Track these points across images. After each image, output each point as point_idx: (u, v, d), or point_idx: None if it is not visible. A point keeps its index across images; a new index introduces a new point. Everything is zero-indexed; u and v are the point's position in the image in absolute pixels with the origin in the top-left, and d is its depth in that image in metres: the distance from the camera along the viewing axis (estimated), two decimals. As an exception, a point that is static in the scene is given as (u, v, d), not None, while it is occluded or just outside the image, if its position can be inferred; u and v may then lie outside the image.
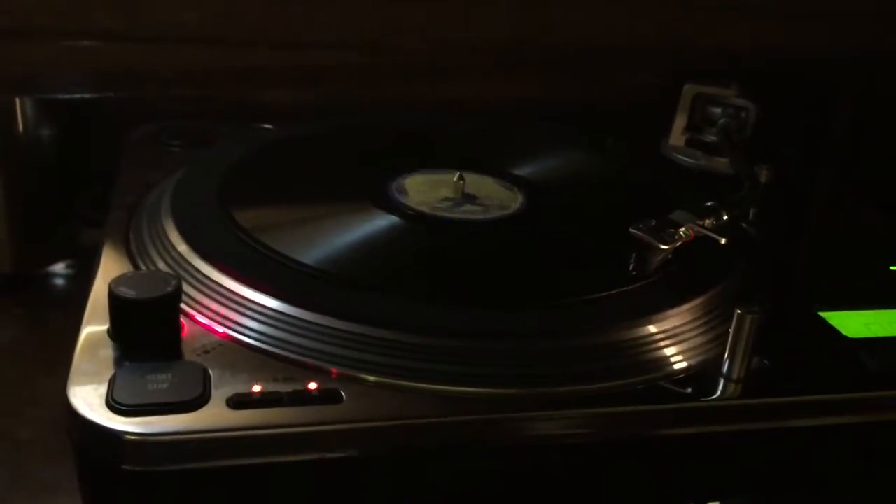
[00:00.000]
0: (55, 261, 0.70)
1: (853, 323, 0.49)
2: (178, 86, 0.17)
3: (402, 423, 0.38)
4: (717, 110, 0.65)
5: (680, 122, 0.67)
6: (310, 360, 0.41)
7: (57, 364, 0.45)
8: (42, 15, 0.16)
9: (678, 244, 0.48)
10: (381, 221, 0.52)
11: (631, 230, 0.48)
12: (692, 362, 0.44)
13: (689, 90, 0.66)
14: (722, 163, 0.64)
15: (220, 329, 0.43)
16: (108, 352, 0.40)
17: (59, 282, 0.69)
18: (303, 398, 0.38)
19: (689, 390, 0.42)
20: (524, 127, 0.71)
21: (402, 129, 0.68)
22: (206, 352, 0.41)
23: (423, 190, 0.56)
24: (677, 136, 0.68)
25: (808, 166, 0.62)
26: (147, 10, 0.16)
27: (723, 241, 0.49)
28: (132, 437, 0.36)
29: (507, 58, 0.18)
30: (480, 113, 0.71)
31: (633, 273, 0.48)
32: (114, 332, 0.41)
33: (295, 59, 0.17)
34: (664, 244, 0.47)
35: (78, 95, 0.19)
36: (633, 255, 0.48)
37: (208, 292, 0.45)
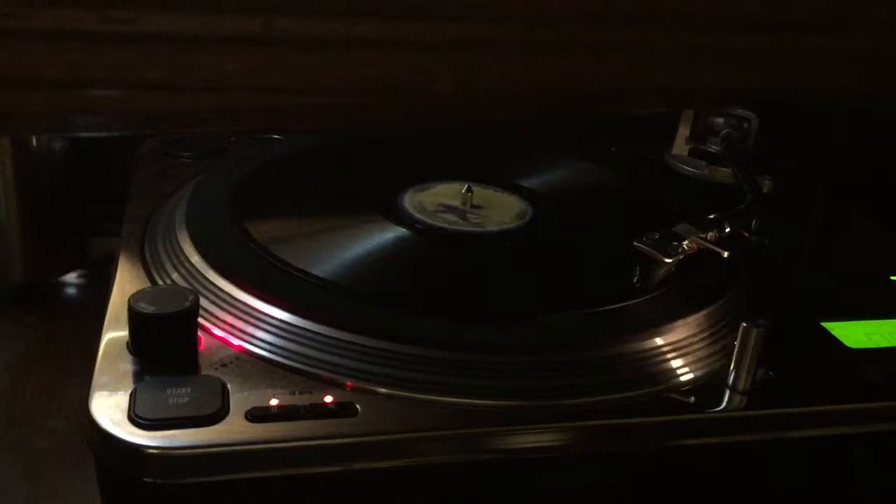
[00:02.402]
0: (67, 271, 0.71)
1: (854, 333, 0.49)
2: (212, 124, 0.18)
3: (416, 436, 0.39)
4: (720, 121, 0.66)
5: (683, 132, 0.68)
6: (324, 373, 0.42)
7: (72, 374, 0.45)
8: (91, 70, 0.17)
9: (681, 257, 0.49)
10: (392, 234, 0.53)
11: (635, 244, 0.49)
12: (698, 374, 0.45)
13: (691, 101, 0.67)
14: (725, 173, 0.65)
15: (236, 342, 0.43)
16: (127, 365, 0.41)
17: (72, 291, 0.70)
18: (320, 411, 0.39)
19: (696, 402, 0.43)
20: (531, 139, 0.72)
21: (413, 141, 0.69)
22: (224, 365, 0.42)
23: (433, 202, 0.57)
24: (680, 146, 0.68)
25: (808, 176, 0.63)
26: (193, 64, 0.17)
27: (725, 254, 0.50)
28: (154, 451, 0.36)
29: (528, 104, 0.19)
30: (489, 126, 0.72)
31: (638, 286, 0.49)
32: (133, 346, 0.42)
33: (329, 100, 0.18)
34: (668, 257, 0.48)
35: (114, 134, 0.20)
36: (638, 268, 0.49)
37: (223, 305, 0.46)
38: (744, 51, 0.21)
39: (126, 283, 0.48)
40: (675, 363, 0.45)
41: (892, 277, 0.57)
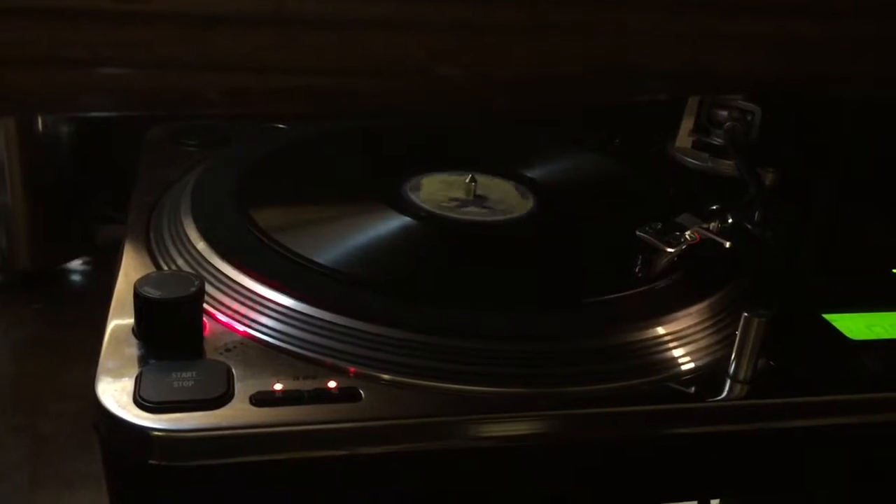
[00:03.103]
0: (73, 257, 0.71)
1: (856, 325, 0.50)
2: (221, 106, 0.19)
3: (418, 422, 0.40)
4: (724, 113, 0.66)
5: (687, 124, 0.68)
6: (327, 359, 0.42)
7: (77, 359, 0.46)
8: (106, 48, 0.17)
9: (684, 247, 0.49)
10: (396, 223, 0.53)
11: (638, 233, 0.49)
12: (699, 363, 0.45)
13: (696, 93, 0.67)
14: (729, 165, 0.65)
15: (241, 328, 0.44)
16: (132, 350, 0.42)
17: (77, 278, 0.71)
18: (323, 396, 0.39)
19: (697, 391, 0.43)
20: (535, 129, 0.72)
21: (417, 129, 0.69)
22: (228, 350, 0.42)
23: (437, 191, 0.57)
24: (684, 139, 0.68)
25: (811, 169, 0.63)
26: (203, 43, 0.17)
27: (727, 244, 0.50)
28: (159, 433, 0.37)
29: (532, 87, 0.19)
30: (493, 116, 0.72)
31: (640, 275, 0.49)
32: (138, 331, 0.42)
33: (336, 81, 0.18)
34: (670, 247, 0.49)
35: (126, 114, 0.20)
36: (640, 258, 0.49)
37: (228, 291, 0.46)
38: (746, 35, 0.21)
39: (132, 268, 0.49)
40: (677, 352, 0.45)
41: (895, 269, 0.57)
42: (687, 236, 0.49)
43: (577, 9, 0.19)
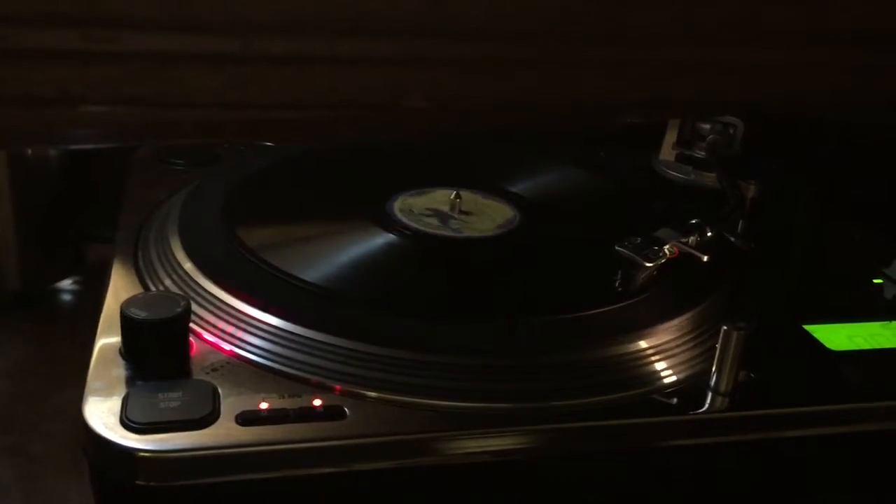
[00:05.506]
0: (62, 277, 0.72)
1: (836, 336, 0.50)
2: (196, 136, 0.19)
3: (404, 438, 0.40)
4: (707, 126, 0.67)
5: (670, 137, 0.69)
6: (313, 377, 0.43)
7: (66, 379, 0.46)
8: (77, 86, 0.17)
9: (662, 261, 0.49)
10: (381, 240, 0.54)
11: (616, 248, 0.50)
12: (680, 376, 0.45)
13: (678, 107, 0.68)
14: (712, 178, 0.66)
15: (227, 347, 0.44)
16: (119, 370, 0.42)
17: (67, 297, 0.71)
18: (308, 414, 0.40)
19: (678, 404, 0.44)
20: (520, 145, 0.72)
21: (404, 148, 0.69)
22: (215, 369, 0.43)
23: (423, 209, 0.58)
24: (667, 152, 0.69)
25: (793, 182, 0.64)
26: (174, 80, 0.18)
27: (705, 258, 0.50)
28: (146, 454, 0.37)
29: (504, 115, 0.19)
30: (478, 130, 0.73)
31: (620, 290, 0.49)
32: (125, 352, 0.43)
33: (304, 114, 0.19)
34: (648, 261, 0.49)
35: (102, 146, 0.21)
36: (620, 273, 0.50)
37: (214, 311, 0.46)
38: (715, 65, 0.22)
39: (119, 289, 0.49)
40: (658, 366, 0.46)
41: (875, 280, 0.58)
42: (666, 251, 0.49)
43: (543, 42, 0.20)
